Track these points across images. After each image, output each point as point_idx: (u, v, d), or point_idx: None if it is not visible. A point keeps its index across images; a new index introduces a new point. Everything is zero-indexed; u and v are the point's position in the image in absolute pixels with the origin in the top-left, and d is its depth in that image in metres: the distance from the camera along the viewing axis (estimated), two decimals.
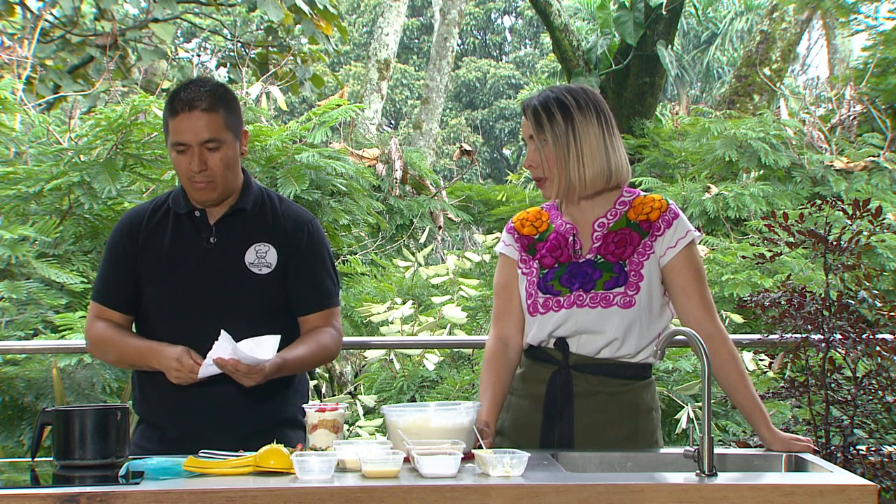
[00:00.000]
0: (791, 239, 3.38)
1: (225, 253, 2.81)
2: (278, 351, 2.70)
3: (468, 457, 2.38)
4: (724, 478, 2.31)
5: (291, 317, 2.89)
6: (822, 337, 3.27)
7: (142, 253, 2.85)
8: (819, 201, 3.80)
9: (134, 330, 2.91)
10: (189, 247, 2.82)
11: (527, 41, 32.86)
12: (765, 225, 3.56)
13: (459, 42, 27.11)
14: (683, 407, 4.46)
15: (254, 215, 2.86)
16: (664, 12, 10.61)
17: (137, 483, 2.18)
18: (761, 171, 7.75)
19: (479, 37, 33.04)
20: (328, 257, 2.91)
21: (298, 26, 10.84)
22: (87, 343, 2.96)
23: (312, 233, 2.88)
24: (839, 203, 3.51)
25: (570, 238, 2.77)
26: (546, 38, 21.15)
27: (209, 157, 2.75)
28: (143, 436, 2.83)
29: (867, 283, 3.52)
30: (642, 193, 2.81)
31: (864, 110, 8.50)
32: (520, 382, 2.82)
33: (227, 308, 2.76)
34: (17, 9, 10.38)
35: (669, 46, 10.93)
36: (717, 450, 2.49)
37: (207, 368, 2.64)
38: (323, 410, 2.48)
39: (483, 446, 2.47)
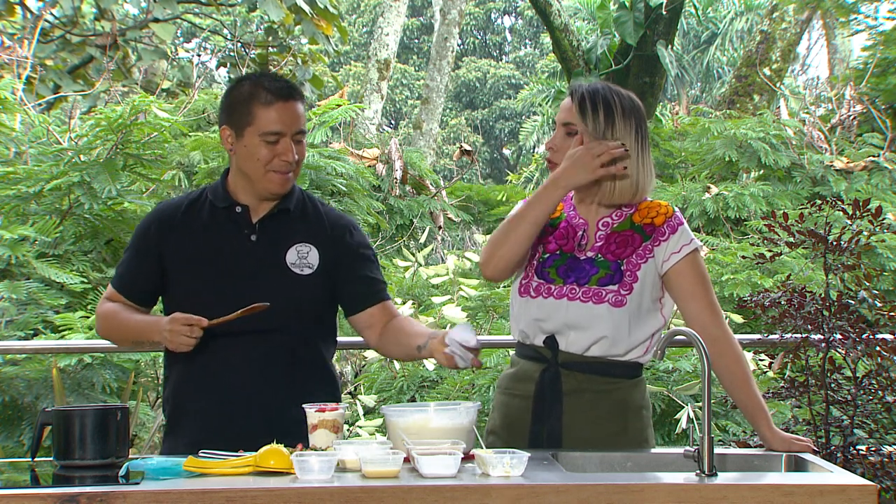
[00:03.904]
0: (791, 239, 3.38)
1: (266, 251, 2.76)
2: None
3: (468, 457, 2.38)
4: (724, 478, 2.31)
5: (330, 319, 2.85)
6: (822, 337, 3.27)
7: (173, 247, 2.78)
8: (819, 201, 3.80)
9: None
10: (229, 242, 2.77)
11: (527, 41, 32.87)
12: (765, 225, 3.56)
13: (459, 42, 27.11)
14: (683, 407, 4.46)
15: (296, 216, 2.81)
16: (664, 12, 10.62)
17: (137, 483, 2.18)
18: (761, 171, 7.76)
19: (479, 37, 33.05)
20: (374, 255, 2.88)
21: (298, 27, 10.84)
22: (96, 322, 2.93)
23: (355, 233, 2.86)
24: (839, 203, 3.50)
25: (580, 232, 2.78)
26: (546, 38, 21.17)
27: (297, 148, 2.73)
28: (174, 440, 2.78)
29: (867, 283, 3.52)
30: (648, 198, 2.82)
31: (864, 110, 8.50)
32: (511, 381, 2.83)
33: (264, 310, 2.68)
34: (17, 9, 10.38)
35: (669, 46, 10.94)
36: (717, 450, 2.49)
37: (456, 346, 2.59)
38: (323, 410, 2.48)
39: (483, 445, 2.47)
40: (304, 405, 2.52)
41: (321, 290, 2.78)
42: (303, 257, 2.77)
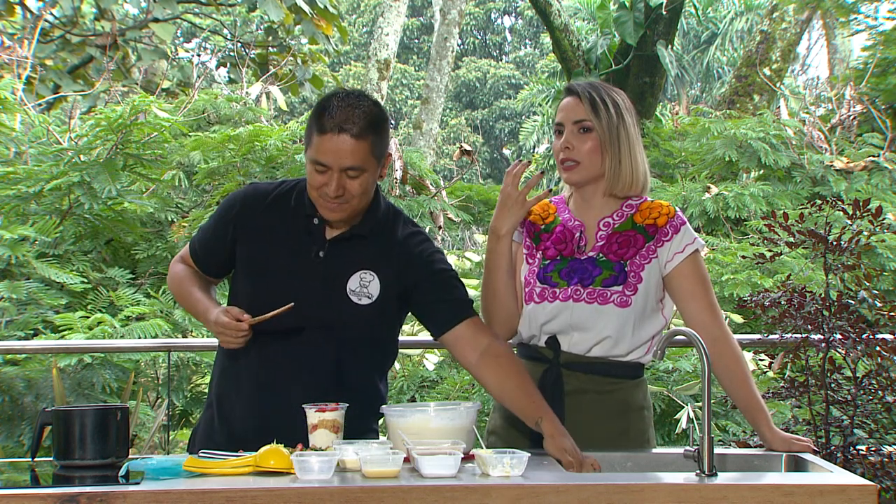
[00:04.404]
0: (791, 239, 3.38)
1: (329, 272, 2.67)
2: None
3: (468, 457, 2.38)
4: (724, 478, 2.31)
5: (387, 343, 2.78)
6: (822, 337, 3.27)
7: (247, 236, 2.72)
8: (819, 201, 3.80)
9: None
10: (297, 252, 2.69)
11: (527, 41, 32.87)
12: (765, 225, 3.56)
13: (459, 42, 27.12)
14: (683, 407, 4.46)
15: (370, 241, 2.70)
16: (664, 12, 10.61)
17: (137, 483, 2.18)
18: (761, 171, 7.76)
19: (479, 37, 33.05)
20: (452, 274, 2.77)
21: (298, 26, 10.85)
22: (168, 278, 2.93)
23: (432, 258, 2.74)
24: (839, 203, 3.50)
25: (578, 234, 2.79)
26: (546, 38, 21.17)
27: (348, 183, 2.58)
28: (212, 427, 2.75)
29: (867, 283, 3.52)
30: (649, 199, 2.83)
31: (864, 110, 8.51)
32: None
33: (315, 328, 2.65)
34: (17, 9, 10.38)
35: (669, 46, 10.93)
36: (717, 450, 2.49)
37: None
38: (323, 410, 2.47)
39: (483, 445, 2.47)
40: (304, 405, 2.51)
41: (377, 319, 2.69)
42: (364, 286, 2.68)
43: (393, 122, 28.50)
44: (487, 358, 2.66)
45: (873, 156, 7.71)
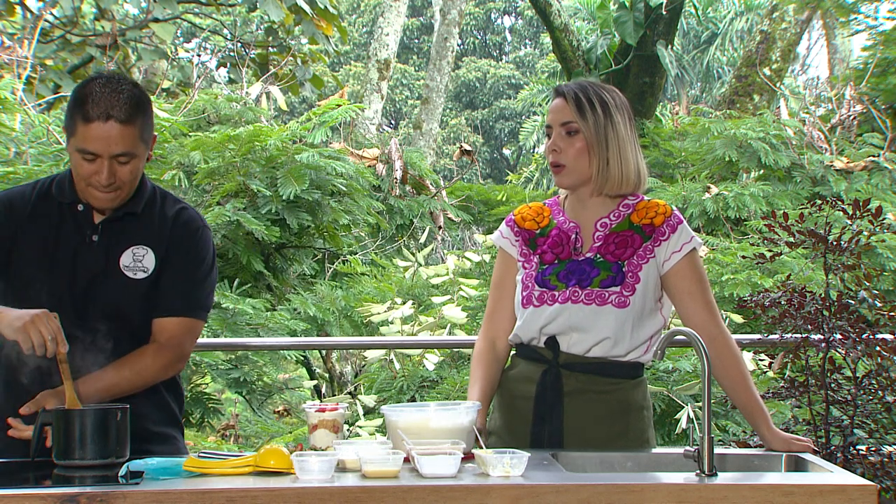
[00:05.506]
0: (791, 239, 3.38)
1: (104, 253, 2.66)
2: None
3: (468, 457, 2.38)
4: (724, 478, 2.31)
5: None
6: (822, 337, 3.27)
7: (18, 240, 2.65)
8: (819, 201, 3.80)
9: None
10: (69, 242, 2.66)
11: (527, 41, 32.87)
12: (765, 225, 3.56)
13: (459, 42, 27.11)
14: (683, 407, 4.46)
15: (142, 218, 2.70)
16: (664, 12, 10.61)
17: (137, 483, 2.18)
18: (761, 171, 7.76)
19: (479, 37, 33.04)
20: (209, 269, 2.74)
21: (298, 27, 10.85)
22: None
23: (198, 238, 2.72)
24: (839, 203, 3.51)
25: (573, 236, 2.78)
26: (546, 38, 21.16)
27: (119, 170, 2.56)
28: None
29: (867, 283, 3.52)
30: (646, 198, 2.82)
31: (864, 110, 8.50)
32: (511, 382, 2.83)
33: (97, 310, 2.62)
34: (17, 9, 10.38)
35: (669, 46, 10.94)
36: (717, 450, 2.49)
37: None
38: (323, 410, 2.48)
39: (483, 446, 2.47)
40: (304, 405, 2.51)
41: (156, 293, 2.67)
42: (138, 260, 2.67)
43: (393, 121, 28.50)
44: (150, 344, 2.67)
45: (873, 156, 7.71)
